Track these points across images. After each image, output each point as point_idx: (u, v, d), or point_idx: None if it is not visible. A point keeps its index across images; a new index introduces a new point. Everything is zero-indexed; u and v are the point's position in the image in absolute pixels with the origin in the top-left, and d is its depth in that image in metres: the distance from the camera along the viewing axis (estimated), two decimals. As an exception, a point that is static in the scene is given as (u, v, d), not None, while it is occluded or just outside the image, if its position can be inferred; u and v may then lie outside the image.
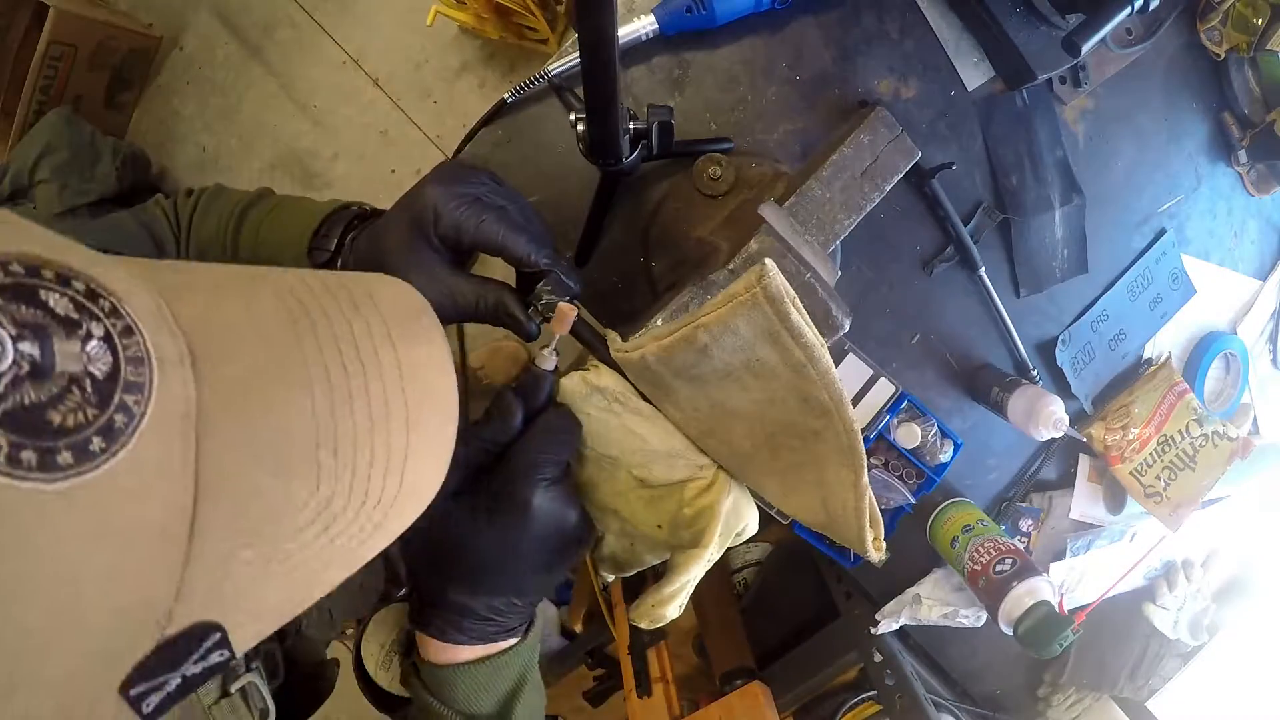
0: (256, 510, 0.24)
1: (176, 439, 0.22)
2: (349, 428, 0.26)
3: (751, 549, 1.08)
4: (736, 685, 0.87)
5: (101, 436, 0.19)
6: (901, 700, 0.75)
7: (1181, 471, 0.77)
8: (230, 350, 0.24)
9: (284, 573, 0.25)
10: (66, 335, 0.19)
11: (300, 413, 0.25)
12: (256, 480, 0.24)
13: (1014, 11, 0.64)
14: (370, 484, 0.27)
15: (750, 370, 0.42)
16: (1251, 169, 0.78)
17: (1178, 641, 0.83)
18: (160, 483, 0.21)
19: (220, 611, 0.24)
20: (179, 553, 0.22)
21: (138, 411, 0.20)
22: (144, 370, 0.21)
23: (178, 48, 1.83)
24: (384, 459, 0.27)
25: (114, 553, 0.20)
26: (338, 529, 0.26)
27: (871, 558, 0.46)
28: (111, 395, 0.20)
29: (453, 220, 0.44)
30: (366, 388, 0.26)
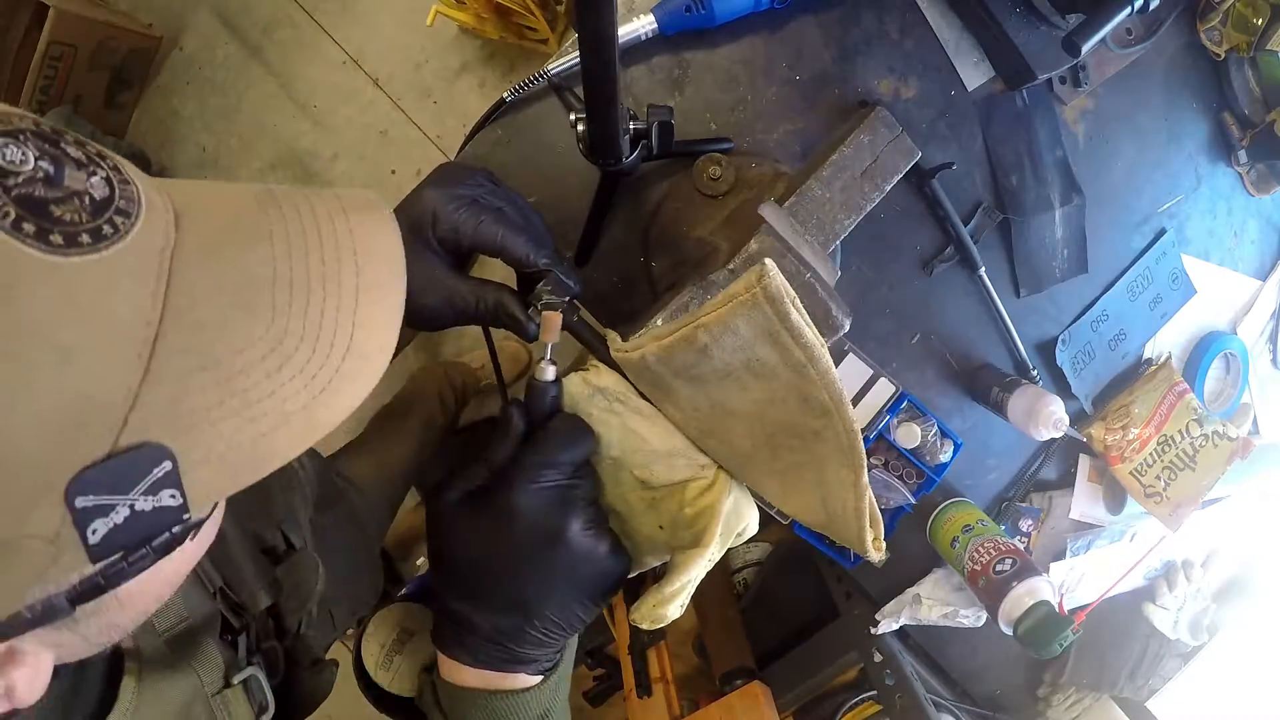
0: (214, 336, 0.26)
1: (153, 261, 0.26)
2: (302, 272, 0.29)
3: (751, 549, 1.08)
4: (736, 685, 0.87)
5: (90, 235, 0.24)
6: (901, 700, 0.75)
7: (1181, 471, 0.77)
8: (205, 209, 0.29)
9: (237, 411, 0.27)
10: (77, 168, 0.24)
11: (260, 258, 0.28)
12: (216, 309, 0.27)
13: (1014, 11, 0.64)
14: (321, 330, 0.29)
15: (750, 370, 0.42)
16: (1251, 169, 0.78)
17: (1178, 641, 0.83)
18: (132, 288, 0.25)
19: (173, 438, 0.25)
20: (139, 355, 0.25)
21: (124, 229, 0.25)
22: (134, 206, 0.26)
23: (178, 48, 1.83)
24: (334, 305, 0.29)
25: (80, 330, 0.23)
26: (289, 372, 0.28)
27: (871, 558, 0.46)
28: (104, 211, 0.25)
29: (451, 222, 0.44)
30: (320, 237, 0.30)
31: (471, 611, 0.43)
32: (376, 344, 0.31)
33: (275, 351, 0.28)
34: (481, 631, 0.43)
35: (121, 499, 0.25)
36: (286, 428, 0.28)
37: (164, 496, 0.26)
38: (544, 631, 0.43)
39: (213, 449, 0.26)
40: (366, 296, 0.30)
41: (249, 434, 0.27)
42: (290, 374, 0.28)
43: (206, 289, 0.27)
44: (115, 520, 0.25)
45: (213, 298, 0.27)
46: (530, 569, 0.42)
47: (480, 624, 0.43)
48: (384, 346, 0.31)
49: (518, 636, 0.43)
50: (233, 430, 0.27)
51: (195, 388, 0.26)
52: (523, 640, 0.43)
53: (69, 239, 0.23)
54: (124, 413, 0.24)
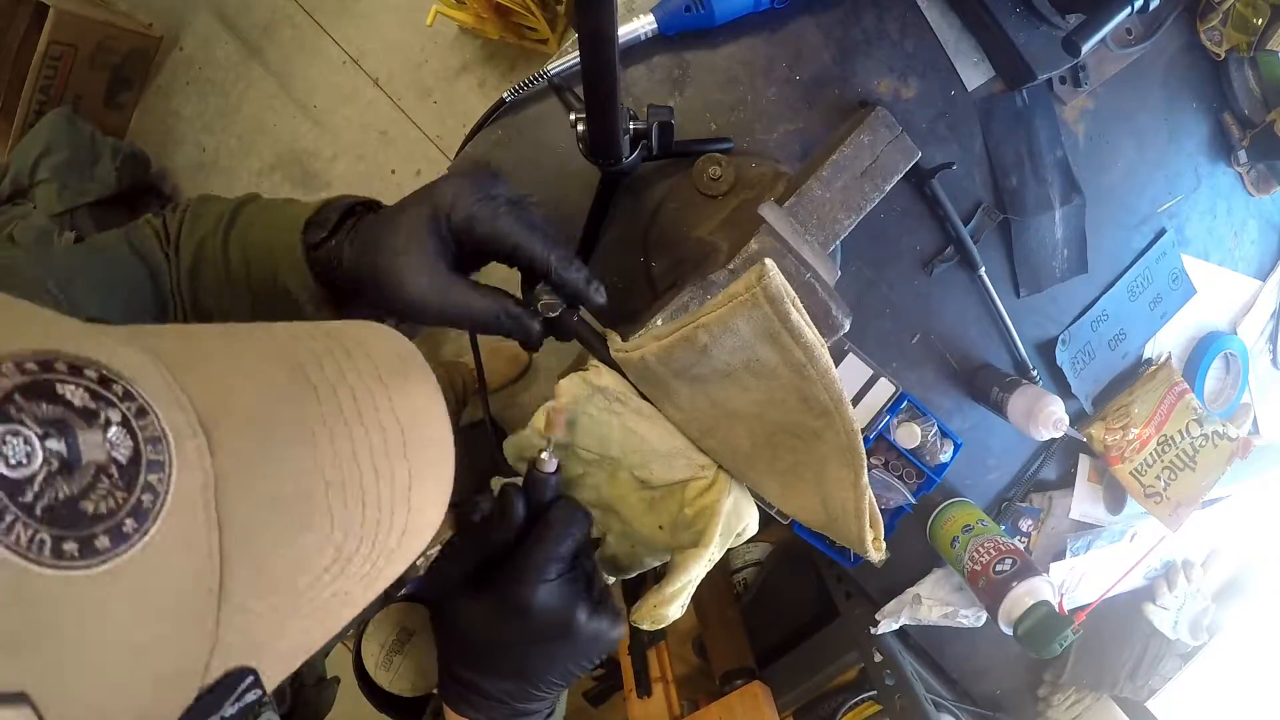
0: (278, 565, 0.25)
1: (199, 509, 0.23)
2: (354, 472, 0.27)
3: (751, 549, 1.08)
4: (736, 685, 0.87)
5: (133, 518, 0.21)
6: (901, 700, 0.75)
7: (1181, 471, 0.77)
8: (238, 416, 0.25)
9: (306, 616, 0.27)
10: (88, 425, 0.21)
11: (308, 468, 0.26)
12: (275, 536, 0.25)
13: (1014, 11, 0.64)
14: (379, 527, 0.28)
15: (750, 370, 0.42)
16: (1251, 169, 0.78)
17: (1178, 641, 0.83)
18: (188, 554, 0.23)
19: (251, 657, 0.25)
20: (211, 616, 0.23)
21: (161, 490, 0.22)
22: (162, 448, 0.22)
23: (178, 48, 1.83)
24: (389, 499, 0.28)
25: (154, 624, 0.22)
26: (351, 570, 0.28)
27: (871, 558, 0.46)
28: (137, 477, 0.21)
29: (469, 211, 0.44)
30: (368, 435, 0.28)
31: (479, 679, 0.45)
32: (429, 521, 0.31)
33: (337, 560, 0.27)
34: (487, 694, 0.45)
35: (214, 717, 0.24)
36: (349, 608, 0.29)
37: (247, 698, 0.25)
38: (546, 691, 0.46)
39: (287, 648, 0.27)
40: (419, 481, 0.30)
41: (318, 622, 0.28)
42: (353, 570, 0.28)
43: (260, 522, 0.25)
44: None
45: (268, 529, 0.25)
46: (539, 653, 0.45)
47: (487, 689, 0.45)
48: (435, 521, 0.32)
49: (522, 697, 0.46)
50: (303, 630, 0.27)
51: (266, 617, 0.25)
52: (527, 699, 0.46)
53: (114, 536, 0.20)
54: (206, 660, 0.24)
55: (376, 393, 0.29)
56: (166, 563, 0.22)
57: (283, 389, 0.27)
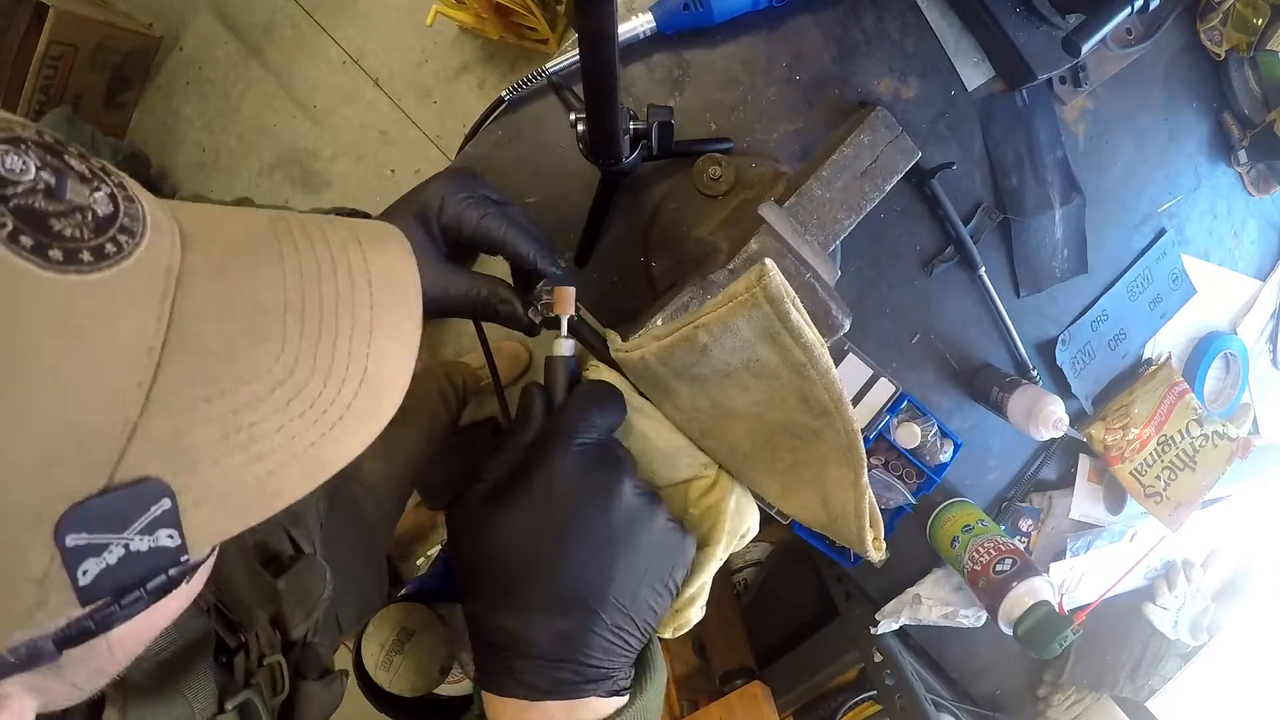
0: (221, 365, 0.25)
1: (158, 283, 0.24)
2: (315, 300, 0.28)
3: (751, 549, 1.08)
4: (736, 685, 0.87)
5: (91, 253, 0.22)
6: (901, 700, 0.75)
7: (1181, 471, 0.77)
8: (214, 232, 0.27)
9: (243, 447, 0.25)
10: (80, 182, 0.23)
11: (271, 283, 0.27)
12: (224, 336, 0.25)
13: (1014, 11, 0.64)
14: (334, 362, 0.27)
15: (750, 370, 0.42)
16: (1251, 169, 0.78)
17: (1178, 641, 0.83)
18: (134, 311, 0.23)
19: (173, 474, 0.24)
20: (140, 383, 0.23)
21: (128, 248, 0.23)
22: (139, 225, 0.24)
23: (178, 48, 1.83)
24: (347, 336, 0.28)
25: (77, 356, 0.22)
26: (299, 406, 0.26)
27: (871, 558, 0.46)
28: (108, 229, 0.23)
29: (456, 210, 0.45)
30: (334, 265, 0.29)
31: (520, 623, 0.35)
32: (389, 379, 0.30)
33: (285, 384, 0.26)
34: (537, 648, 0.35)
35: (116, 538, 0.23)
36: (294, 465, 0.26)
37: (161, 536, 0.24)
38: (612, 630, 0.36)
39: (214, 487, 0.25)
40: (381, 329, 0.29)
41: (254, 472, 0.25)
42: (300, 409, 0.26)
43: (214, 314, 0.25)
44: (108, 561, 0.23)
45: (221, 324, 0.25)
46: (581, 541, 0.36)
47: (533, 636, 0.35)
48: (397, 382, 0.30)
49: (581, 641, 0.35)
50: (237, 467, 0.25)
51: (199, 420, 0.24)
52: (589, 645, 0.35)
53: (69, 255, 0.22)
54: (121, 445, 0.23)
55: (350, 248, 0.30)
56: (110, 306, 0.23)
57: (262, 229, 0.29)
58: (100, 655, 0.27)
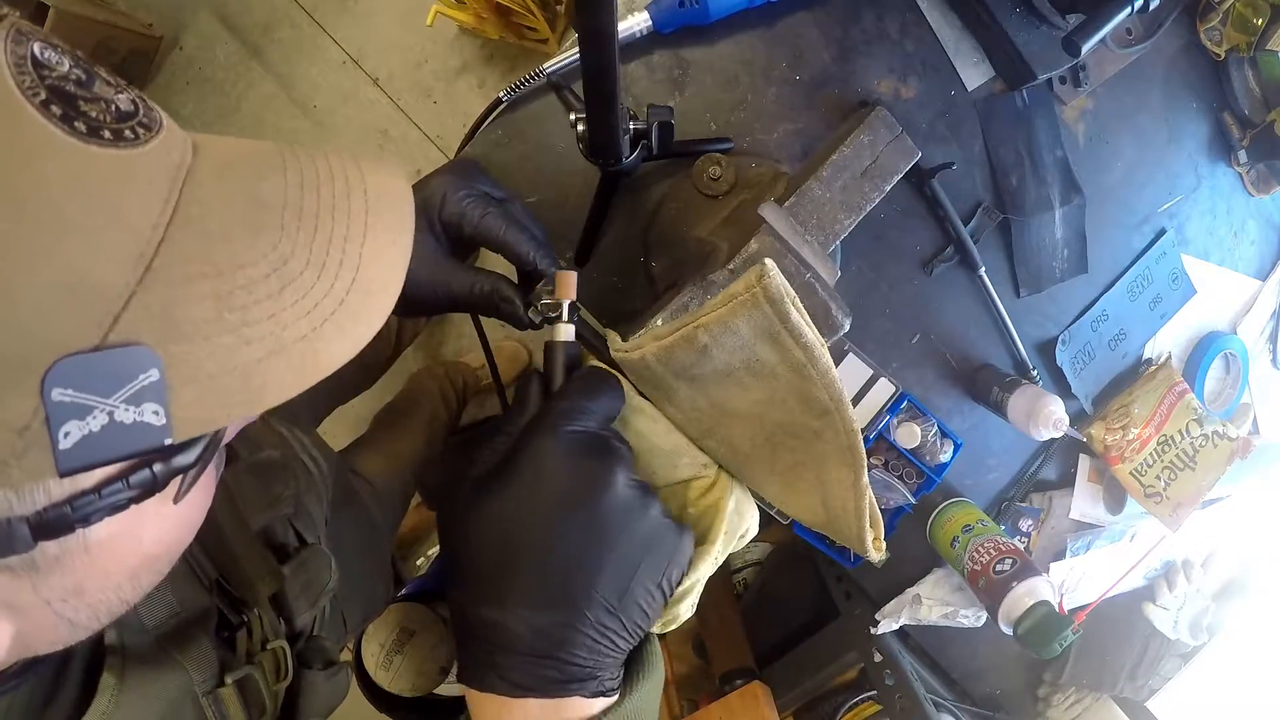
0: (219, 246, 0.26)
1: (168, 171, 0.26)
2: (313, 202, 0.29)
3: (751, 549, 1.08)
4: (736, 685, 0.87)
5: (111, 133, 0.24)
6: (901, 700, 0.75)
7: (1181, 471, 0.77)
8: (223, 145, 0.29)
9: (234, 329, 0.26)
10: (107, 84, 0.25)
11: (272, 185, 0.29)
12: (224, 222, 0.27)
13: (1014, 11, 0.64)
14: (328, 258, 0.28)
15: (750, 370, 0.42)
16: (1251, 169, 0.78)
17: (1178, 641, 0.83)
18: (144, 189, 0.25)
19: (164, 345, 0.24)
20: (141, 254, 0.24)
21: (144, 138, 0.25)
22: (156, 124, 0.26)
23: (178, 48, 1.83)
24: (342, 235, 0.29)
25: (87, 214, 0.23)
26: (292, 295, 0.27)
27: (871, 558, 0.46)
28: (129, 120, 0.25)
29: (458, 208, 0.45)
30: (332, 176, 0.31)
31: (502, 616, 0.34)
32: (382, 282, 0.30)
33: (279, 272, 0.27)
34: (519, 642, 0.34)
35: (101, 402, 0.23)
36: (284, 357, 0.27)
37: (146, 410, 0.24)
38: (597, 628, 0.34)
39: (203, 366, 0.25)
40: (375, 232, 0.30)
41: (244, 357, 0.26)
42: (293, 297, 0.27)
43: (216, 203, 0.27)
44: (91, 426, 0.23)
45: (221, 212, 0.27)
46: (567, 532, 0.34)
47: (515, 629, 0.34)
48: (389, 286, 0.31)
49: (564, 638, 0.34)
50: (227, 349, 0.25)
51: (193, 295, 0.25)
52: (572, 643, 0.34)
53: (92, 129, 0.23)
54: (118, 307, 0.23)
55: (349, 165, 0.32)
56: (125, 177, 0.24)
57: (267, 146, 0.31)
58: (78, 565, 0.26)
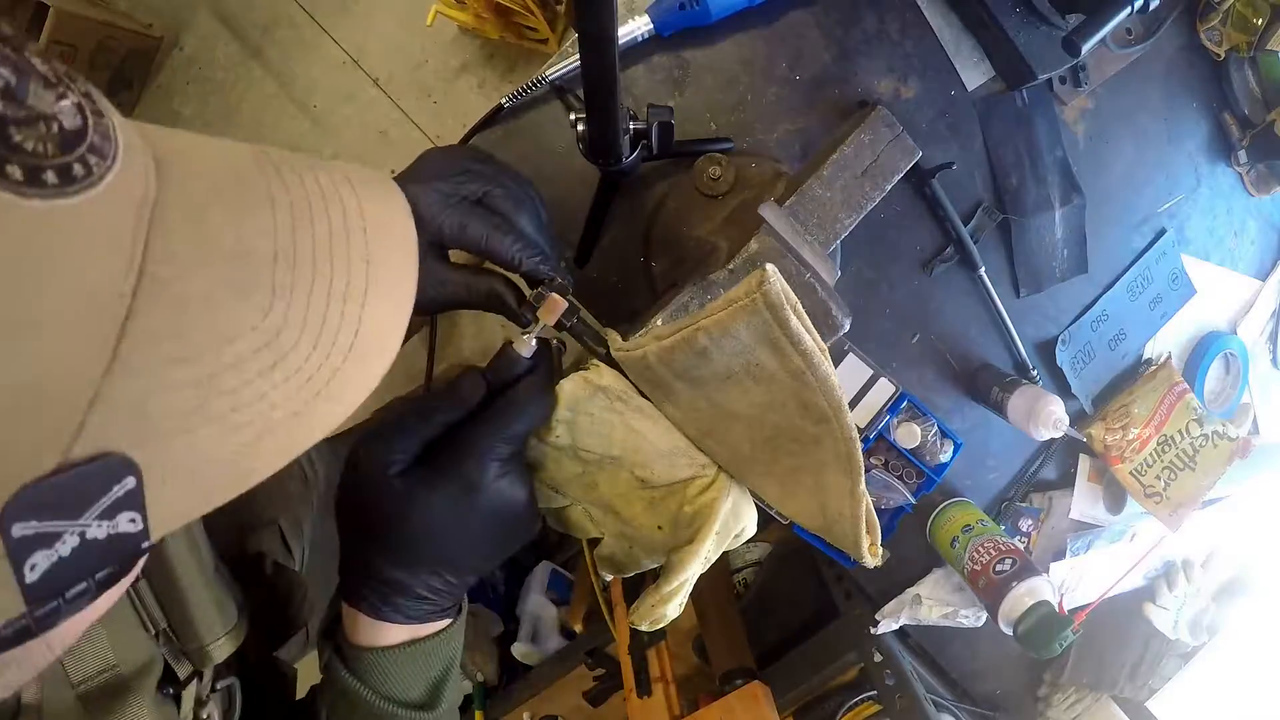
0: (199, 320, 0.21)
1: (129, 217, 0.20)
2: (308, 245, 0.24)
3: (751, 549, 1.08)
4: (736, 685, 0.87)
5: (56, 174, 0.18)
6: (901, 700, 0.75)
7: (1181, 471, 0.77)
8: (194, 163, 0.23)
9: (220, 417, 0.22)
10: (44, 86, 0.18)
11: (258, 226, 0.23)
12: (205, 285, 0.22)
13: (1014, 11, 0.64)
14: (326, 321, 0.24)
15: (750, 374, 0.42)
16: (1251, 169, 0.78)
17: (1178, 641, 0.83)
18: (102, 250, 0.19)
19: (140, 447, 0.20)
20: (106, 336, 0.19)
21: (97, 172, 0.19)
22: (110, 145, 0.20)
23: (178, 48, 1.83)
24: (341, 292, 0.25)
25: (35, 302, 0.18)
26: (283, 372, 0.23)
27: (867, 563, 0.46)
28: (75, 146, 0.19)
29: (434, 224, 0.43)
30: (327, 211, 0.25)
31: (407, 577, 0.42)
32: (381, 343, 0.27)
33: (271, 345, 0.23)
34: (412, 592, 0.43)
35: (70, 525, 0.19)
36: (271, 437, 0.24)
37: (122, 521, 0.20)
38: (467, 584, 0.46)
39: (184, 462, 0.22)
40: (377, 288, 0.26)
41: (229, 445, 0.22)
42: (285, 374, 0.23)
43: (193, 258, 0.21)
44: (60, 553, 0.19)
45: (200, 270, 0.22)
46: (480, 539, 0.43)
47: (414, 586, 0.43)
48: (388, 347, 0.28)
49: (448, 590, 0.44)
50: (211, 440, 0.22)
51: (171, 384, 0.21)
52: (451, 594, 0.45)
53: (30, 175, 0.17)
54: (81, 412, 0.19)
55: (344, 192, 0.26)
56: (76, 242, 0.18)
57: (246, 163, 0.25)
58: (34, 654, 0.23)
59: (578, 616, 1.21)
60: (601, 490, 0.50)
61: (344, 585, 0.44)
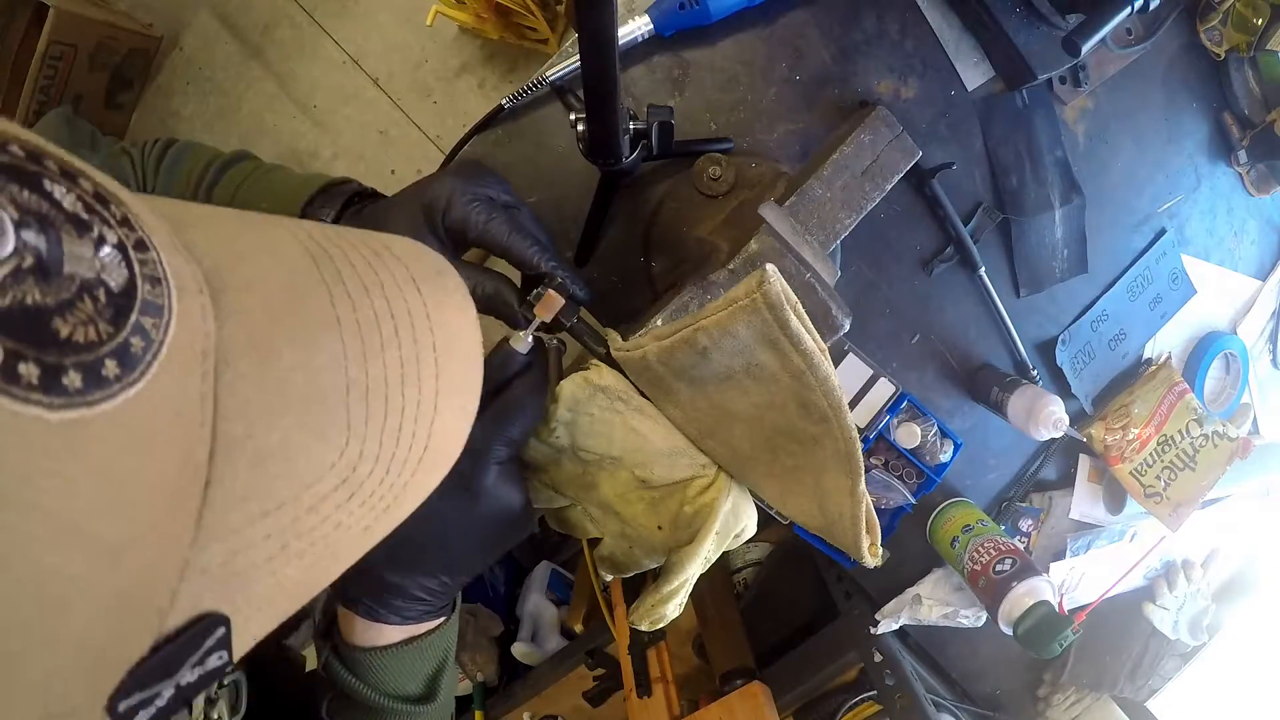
0: (278, 470, 0.20)
1: (195, 378, 0.18)
2: (379, 373, 0.23)
3: (751, 549, 1.08)
4: (736, 685, 0.87)
5: (116, 361, 0.16)
6: (901, 700, 0.75)
7: (1181, 471, 0.77)
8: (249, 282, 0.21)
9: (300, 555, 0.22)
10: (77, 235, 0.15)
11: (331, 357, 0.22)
12: (281, 435, 0.20)
13: (1014, 11, 0.64)
14: (399, 442, 0.24)
15: (750, 374, 0.42)
16: (1251, 169, 0.78)
17: (1178, 641, 0.83)
18: (176, 429, 0.17)
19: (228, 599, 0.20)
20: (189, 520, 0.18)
21: (156, 338, 0.17)
22: (162, 292, 0.17)
23: (178, 48, 1.83)
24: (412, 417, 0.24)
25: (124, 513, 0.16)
26: (359, 499, 0.23)
27: (867, 563, 0.46)
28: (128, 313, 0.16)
29: (462, 213, 0.45)
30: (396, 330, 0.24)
31: (404, 580, 0.43)
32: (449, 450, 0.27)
33: (348, 481, 0.22)
34: (409, 594, 0.43)
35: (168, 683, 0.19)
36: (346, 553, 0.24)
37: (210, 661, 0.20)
38: (461, 585, 0.46)
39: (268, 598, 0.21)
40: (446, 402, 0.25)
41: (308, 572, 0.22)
42: (360, 501, 0.23)
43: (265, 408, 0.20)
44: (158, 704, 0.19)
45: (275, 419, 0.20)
46: (478, 543, 0.44)
47: (410, 589, 0.43)
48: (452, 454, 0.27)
49: (444, 593, 0.45)
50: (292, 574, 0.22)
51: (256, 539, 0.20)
52: (447, 595, 0.45)
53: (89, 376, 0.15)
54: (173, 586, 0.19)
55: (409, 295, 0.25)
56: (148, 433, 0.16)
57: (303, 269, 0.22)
58: None
59: (578, 616, 1.21)
60: (601, 490, 0.50)
61: (339, 588, 0.45)
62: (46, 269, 0.15)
